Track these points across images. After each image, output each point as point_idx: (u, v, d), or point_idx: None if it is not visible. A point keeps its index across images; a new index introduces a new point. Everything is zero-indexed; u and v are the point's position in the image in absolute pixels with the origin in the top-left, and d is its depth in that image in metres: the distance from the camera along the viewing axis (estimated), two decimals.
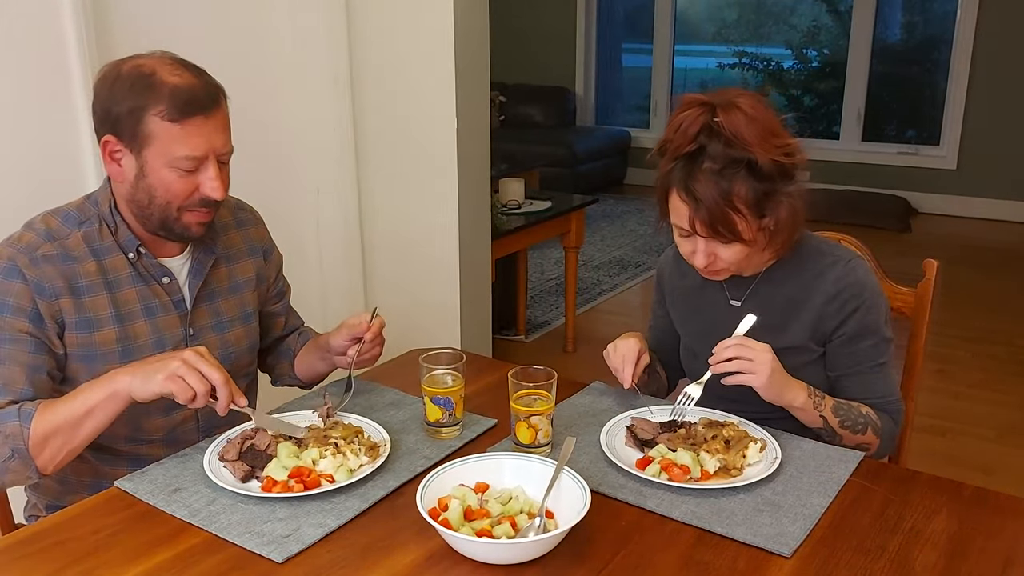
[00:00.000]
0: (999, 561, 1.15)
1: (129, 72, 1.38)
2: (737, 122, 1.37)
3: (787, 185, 1.42)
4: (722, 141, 1.37)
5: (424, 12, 2.63)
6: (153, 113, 1.35)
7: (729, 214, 1.39)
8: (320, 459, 1.32)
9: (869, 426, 1.47)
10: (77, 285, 1.41)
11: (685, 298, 1.68)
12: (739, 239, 1.42)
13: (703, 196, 1.38)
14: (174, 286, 1.51)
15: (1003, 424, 3.27)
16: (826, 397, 1.47)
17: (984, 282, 4.94)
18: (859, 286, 1.49)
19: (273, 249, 1.73)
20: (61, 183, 2.02)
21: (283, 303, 1.76)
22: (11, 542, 1.18)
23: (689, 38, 7.73)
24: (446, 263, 2.79)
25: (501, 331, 4.05)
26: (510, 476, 1.26)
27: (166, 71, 1.37)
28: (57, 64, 2.00)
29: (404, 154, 2.78)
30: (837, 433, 1.46)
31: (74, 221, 1.45)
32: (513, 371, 1.40)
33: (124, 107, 1.36)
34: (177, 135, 1.36)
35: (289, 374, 1.75)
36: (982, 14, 6.04)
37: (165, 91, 1.35)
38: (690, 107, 1.42)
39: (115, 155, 1.41)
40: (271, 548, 1.15)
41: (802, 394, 1.44)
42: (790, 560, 1.14)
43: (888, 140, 6.81)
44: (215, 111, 1.40)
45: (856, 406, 1.48)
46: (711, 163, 1.38)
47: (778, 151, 1.39)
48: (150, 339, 1.48)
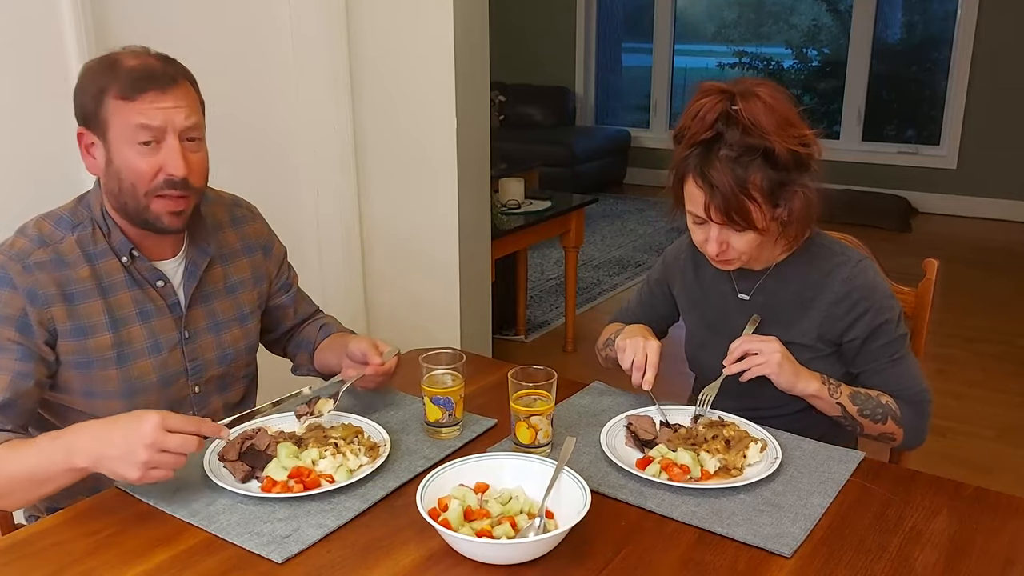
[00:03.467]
0: (999, 561, 1.15)
1: (96, 63, 1.39)
2: (755, 110, 1.38)
3: (802, 176, 1.42)
4: (740, 129, 1.38)
5: (424, 12, 2.63)
6: (110, 95, 1.35)
7: (744, 202, 1.39)
8: (320, 459, 1.32)
9: (889, 415, 1.48)
10: (70, 291, 1.39)
11: (694, 288, 1.67)
12: (752, 227, 1.42)
13: (719, 183, 1.38)
14: (168, 289, 1.50)
15: (1003, 424, 3.27)
16: (841, 385, 1.47)
17: (984, 282, 4.94)
18: (868, 289, 1.49)
19: (273, 244, 1.70)
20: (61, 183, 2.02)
21: (290, 294, 1.73)
22: (11, 542, 1.18)
23: (689, 38, 7.72)
24: (446, 263, 2.79)
25: (501, 331, 4.05)
26: (510, 476, 1.26)
27: (128, 57, 1.37)
28: (57, 64, 2.00)
29: (404, 154, 2.78)
30: (857, 421, 1.47)
31: (67, 225, 1.43)
32: (513, 371, 1.40)
33: (88, 94, 1.37)
34: (131, 110, 1.34)
35: (307, 364, 1.73)
36: (982, 14, 6.04)
37: (121, 72, 1.35)
38: (708, 94, 1.42)
39: (90, 148, 1.41)
40: (271, 548, 1.15)
41: (815, 382, 1.45)
42: (790, 560, 1.14)
43: (888, 140, 6.81)
44: (172, 87, 1.37)
45: (875, 395, 1.49)
46: (728, 150, 1.38)
47: (795, 140, 1.39)
48: (145, 343, 1.47)
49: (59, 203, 1.48)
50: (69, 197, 1.50)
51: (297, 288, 1.76)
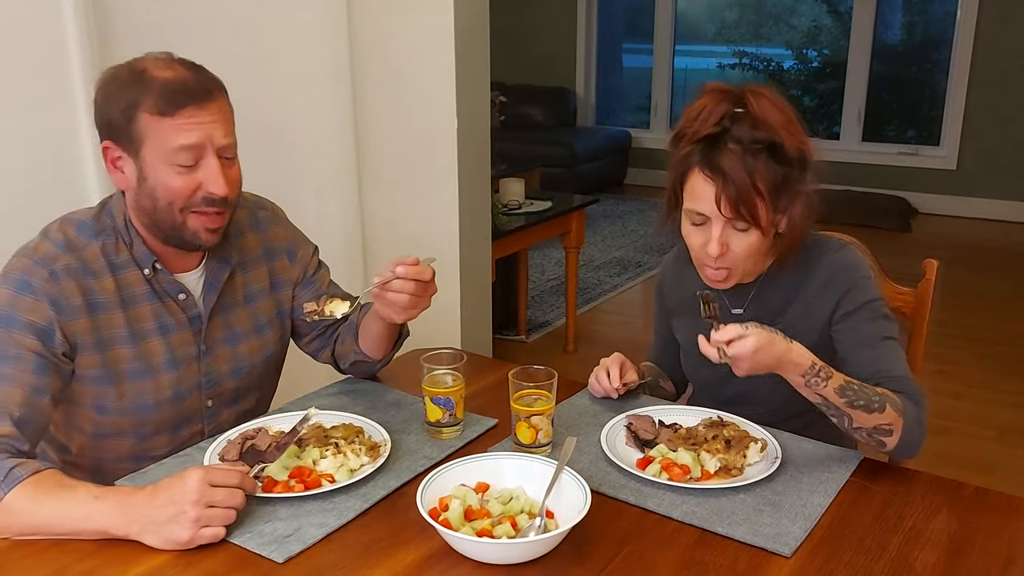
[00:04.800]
0: (999, 561, 1.15)
1: (122, 73, 1.33)
2: (764, 106, 1.38)
3: (803, 178, 1.42)
4: (748, 124, 1.37)
5: (424, 12, 2.63)
6: (143, 109, 1.30)
7: (752, 195, 1.38)
8: (321, 459, 1.32)
9: (888, 403, 1.34)
10: (94, 301, 1.36)
11: (686, 306, 1.65)
12: (757, 225, 1.40)
13: (731, 171, 1.36)
14: (190, 302, 1.46)
15: (1003, 424, 3.28)
16: (832, 376, 1.32)
17: (984, 282, 4.94)
18: (850, 268, 1.49)
19: (298, 247, 1.63)
20: (61, 184, 2.02)
21: (319, 297, 1.59)
22: (11, 542, 1.18)
23: (689, 38, 7.73)
24: (446, 263, 2.78)
25: (501, 331, 4.05)
26: (510, 476, 1.26)
27: (158, 67, 1.32)
28: (57, 64, 2.00)
29: (404, 154, 2.79)
30: (845, 413, 1.33)
31: (91, 232, 1.39)
32: (513, 371, 1.40)
33: (117, 108, 1.31)
34: (169, 128, 1.30)
35: (354, 349, 1.61)
36: (982, 14, 6.04)
37: (155, 86, 1.29)
38: (711, 93, 1.42)
39: (117, 162, 1.36)
40: (272, 548, 1.15)
41: (795, 374, 1.31)
42: (790, 560, 1.14)
43: (888, 140, 6.81)
44: (209, 102, 1.33)
45: (870, 387, 1.36)
46: (735, 144, 1.37)
47: (801, 139, 1.40)
48: (163, 358, 1.43)
49: (59, 203, 1.47)
50: (71, 197, 1.50)
51: (328, 288, 1.66)
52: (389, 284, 1.41)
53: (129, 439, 1.45)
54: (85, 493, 1.17)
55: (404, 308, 1.43)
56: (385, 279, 1.40)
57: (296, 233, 1.66)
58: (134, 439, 1.45)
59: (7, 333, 1.28)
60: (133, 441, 1.45)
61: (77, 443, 1.47)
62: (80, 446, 1.47)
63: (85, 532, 1.16)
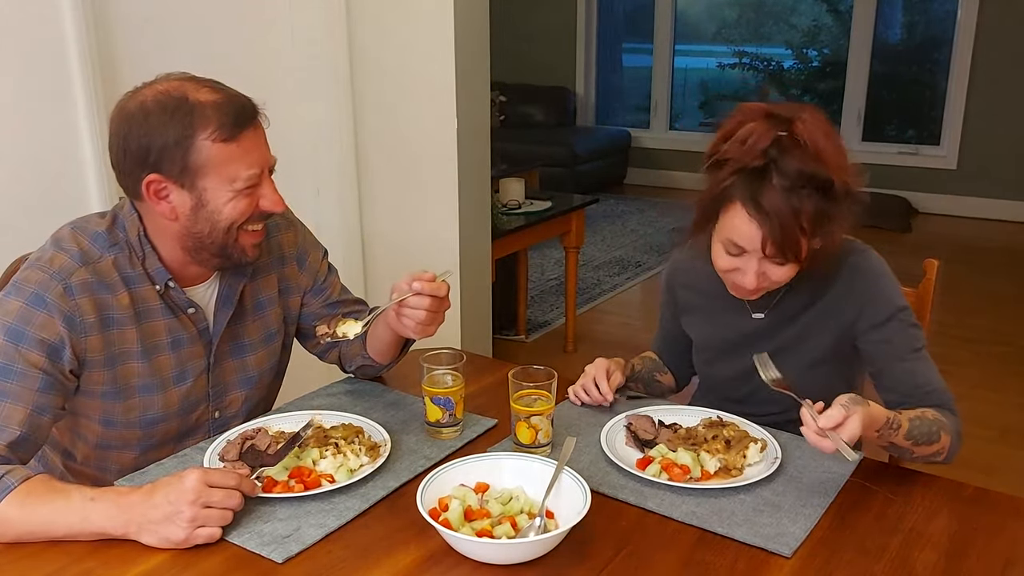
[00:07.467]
0: (999, 561, 1.15)
1: (158, 102, 1.27)
2: (816, 135, 1.31)
3: (847, 208, 1.36)
4: (795, 156, 1.30)
5: (424, 12, 2.63)
6: (204, 138, 1.27)
7: (798, 235, 1.32)
8: (320, 459, 1.32)
9: (942, 430, 1.36)
10: (109, 317, 1.34)
11: (701, 307, 1.63)
12: (797, 259, 1.35)
13: (775, 213, 1.30)
14: (199, 315, 1.44)
15: (1003, 424, 3.27)
16: (902, 425, 1.31)
17: (984, 282, 4.94)
18: (873, 273, 1.47)
19: (308, 253, 1.61)
20: (61, 184, 2.02)
21: (329, 304, 1.63)
22: (8, 544, 1.18)
23: (689, 38, 7.72)
24: (446, 263, 2.78)
25: (501, 331, 4.05)
26: (510, 476, 1.26)
27: (199, 92, 1.28)
28: (57, 64, 2.00)
29: (404, 154, 2.79)
30: (908, 450, 1.35)
31: (104, 243, 1.35)
32: (513, 371, 1.40)
33: (167, 139, 1.26)
34: (234, 154, 1.29)
35: (361, 353, 1.61)
36: (982, 14, 6.04)
37: (208, 112, 1.26)
38: (755, 118, 1.34)
39: (161, 193, 1.31)
40: (271, 548, 1.15)
41: (871, 429, 1.27)
42: (790, 560, 1.14)
43: (888, 140, 6.81)
44: (258, 121, 1.33)
45: (927, 417, 1.36)
46: (782, 179, 1.31)
47: (848, 172, 1.34)
48: (172, 372, 1.42)
49: (59, 203, 1.46)
50: (71, 197, 1.48)
51: (339, 293, 1.66)
52: (406, 300, 1.40)
53: (134, 450, 1.45)
54: (79, 496, 1.17)
55: (421, 324, 1.42)
56: (402, 294, 1.40)
57: (306, 237, 1.63)
58: (139, 450, 1.45)
59: (15, 348, 1.26)
60: (138, 452, 1.45)
61: (82, 452, 1.47)
62: (85, 455, 1.47)
63: (83, 534, 1.15)
